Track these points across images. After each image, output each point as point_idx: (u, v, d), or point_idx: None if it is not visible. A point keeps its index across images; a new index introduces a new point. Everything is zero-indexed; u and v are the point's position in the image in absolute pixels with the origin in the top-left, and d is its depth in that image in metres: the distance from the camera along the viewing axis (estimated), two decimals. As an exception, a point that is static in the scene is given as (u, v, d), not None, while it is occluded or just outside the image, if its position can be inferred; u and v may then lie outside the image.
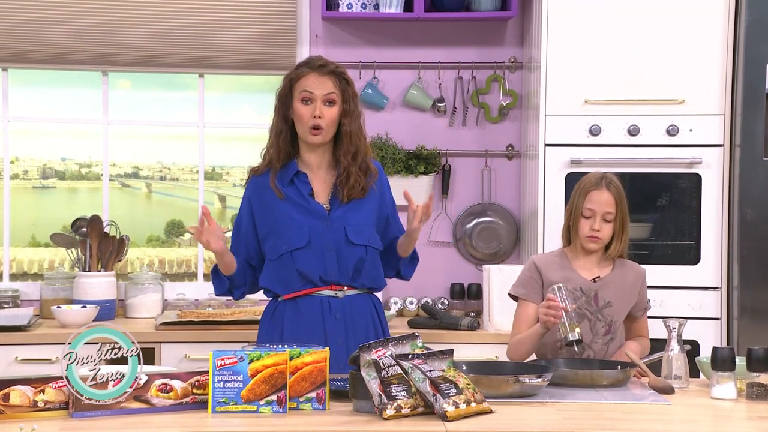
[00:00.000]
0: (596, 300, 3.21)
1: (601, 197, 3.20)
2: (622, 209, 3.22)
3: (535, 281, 3.29)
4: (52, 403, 2.54)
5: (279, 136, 3.22)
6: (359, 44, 4.74)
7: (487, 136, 4.77)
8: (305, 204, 3.19)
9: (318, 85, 3.16)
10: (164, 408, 2.59)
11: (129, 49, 4.58)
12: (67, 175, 4.87)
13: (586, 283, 3.23)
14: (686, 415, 2.69)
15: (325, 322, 3.18)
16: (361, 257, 3.19)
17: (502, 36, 4.75)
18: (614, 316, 3.22)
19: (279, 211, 3.20)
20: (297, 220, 3.17)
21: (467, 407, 2.55)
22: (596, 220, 3.19)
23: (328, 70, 3.19)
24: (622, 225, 3.23)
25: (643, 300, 3.29)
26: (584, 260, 3.27)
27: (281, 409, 2.59)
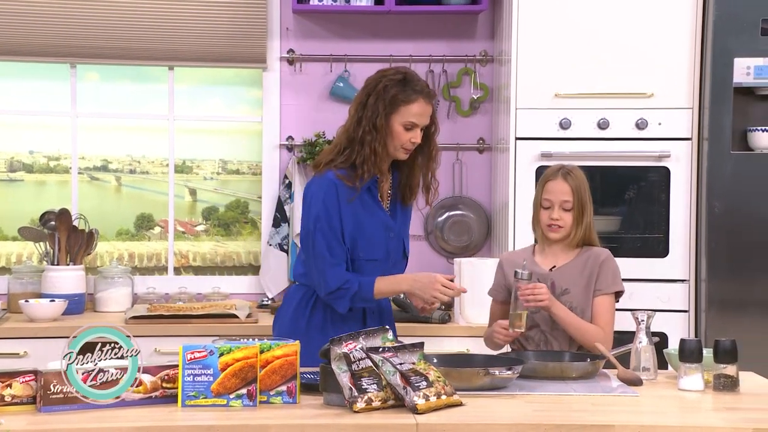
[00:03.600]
0: (553, 288, 3.24)
1: (557, 187, 3.24)
2: (580, 198, 3.24)
3: (498, 279, 3.38)
4: (19, 397, 2.52)
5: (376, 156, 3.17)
6: (330, 37, 4.73)
7: (458, 129, 4.78)
8: (378, 211, 3.27)
9: (423, 116, 3.21)
10: (133, 402, 2.58)
11: (98, 41, 4.55)
12: (35, 168, 4.83)
13: (543, 273, 3.26)
14: (654, 406, 2.71)
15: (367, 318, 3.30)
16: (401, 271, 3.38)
17: (473, 30, 4.76)
18: (573, 301, 3.24)
19: (360, 216, 3.22)
20: (373, 229, 3.25)
21: (438, 400, 2.55)
22: (554, 210, 3.23)
23: (431, 98, 3.24)
24: (581, 213, 3.24)
25: (600, 282, 3.24)
26: (548, 251, 3.30)
27: (251, 403, 2.58)
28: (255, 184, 4.87)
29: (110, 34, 4.54)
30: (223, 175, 4.95)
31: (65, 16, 4.51)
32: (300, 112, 4.75)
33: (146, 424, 2.44)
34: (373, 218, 3.24)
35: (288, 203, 4.69)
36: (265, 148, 4.77)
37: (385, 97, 3.17)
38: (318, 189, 3.21)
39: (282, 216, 4.70)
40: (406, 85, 3.19)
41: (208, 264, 4.90)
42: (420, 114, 3.19)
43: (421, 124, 3.20)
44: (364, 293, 3.18)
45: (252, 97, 4.86)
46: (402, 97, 3.17)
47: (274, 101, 4.74)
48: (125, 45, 4.57)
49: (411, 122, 3.18)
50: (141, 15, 4.55)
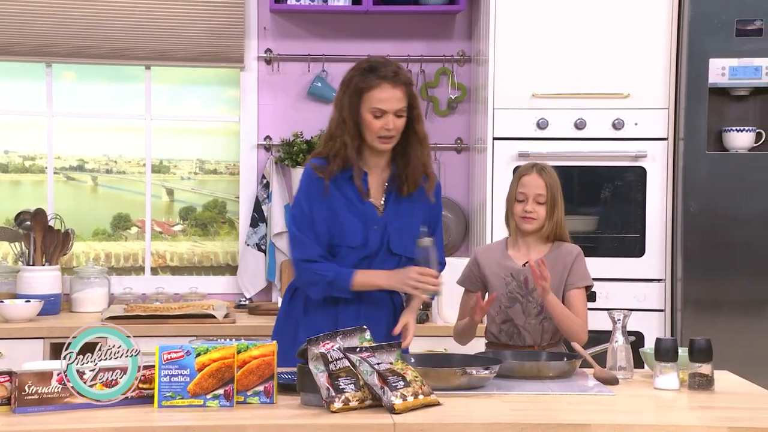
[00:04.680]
0: (525, 283, 3.28)
1: (532, 181, 3.29)
2: (553, 193, 3.29)
3: (472, 271, 3.41)
4: (-6, 399, 2.50)
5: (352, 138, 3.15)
6: (308, 37, 4.73)
7: (436, 129, 4.78)
8: (359, 204, 3.18)
9: (390, 101, 3.10)
10: (109, 403, 2.56)
11: (74, 40, 4.53)
12: (10, 167, 4.80)
13: (517, 268, 3.30)
14: (630, 405, 2.72)
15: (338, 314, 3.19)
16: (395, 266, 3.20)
17: (451, 30, 4.77)
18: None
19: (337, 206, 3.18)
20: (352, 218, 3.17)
21: (415, 400, 2.55)
22: (528, 202, 3.29)
23: (399, 81, 3.12)
24: (553, 208, 3.29)
25: (574, 276, 3.28)
26: (521, 245, 3.34)
27: (228, 403, 2.57)
28: (233, 184, 4.86)
29: (87, 33, 4.52)
30: (201, 175, 4.94)
31: (41, 15, 4.49)
32: (278, 111, 4.75)
33: (122, 425, 2.43)
34: (349, 211, 3.19)
35: (266, 203, 4.68)
36: (242, 147, 4.76)
37: (350, 88, 3.15)
38: (301, 178, 3.26)
39: (260, 216, 4.69)
40: (371, 72, 3.14)
41: (186, 264, 4.89)
42: (385, 99, 3.10)
43: (390, 110, 3.11)
44: (340, 283, 3.15)
45: (229, 96, 4.85)
46: (363, 85, 3.13)
47: (251, 101, 4.73)
48: (102, 44, 4.55)
49: (377, 108, 3.11)
50: (118, 14, 4.54)
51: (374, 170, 3.22)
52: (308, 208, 3.18)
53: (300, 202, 3.21)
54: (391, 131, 3.13)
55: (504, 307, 3.30)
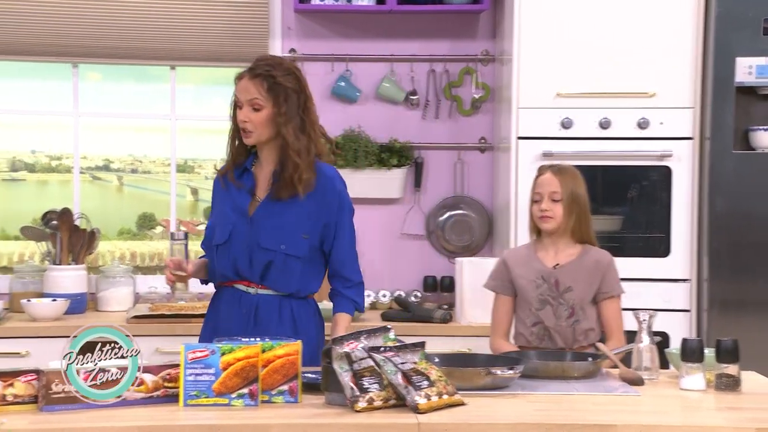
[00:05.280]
0: (557, 285, 3.28)
1: (546, 180, 3.31)
2: (571, 192, 3.29)
3: (501, 274, 3.40)
4: (21, 396, 2.51)
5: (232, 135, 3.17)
6: (332, 37, 4.73)
7: (460, 129, 4.78)
8: (239, 200, 3.15)
9: (243, 91, 3.07)
10: (135, 401, 2.57)
11: (100, 41, 4.55)
12: (37, 167, 4.84)
13: (547, 270, 3.30)
14: (656, 405, 2.71)
15: (233, 314, 3.17)
16: (270, 260, 3.12)
17: (475, 29, 4.76)
18: (575, 299, 3.28)
19: (220, 205, 3.20)
20: (225, 216, 3.15)
21: (439, 399, 2.55)
22: (544, 201, 3.29)
23: (255, 74, 3.07)
24: (571, 206, 3.28)
25: (606, 285, 3.30)
26: (549, 247, 3.34)
27: (253, 402, 2.58)
28: (257, 184, 4.87)
29: (112, 33, 4.54)
30: (225, 175, 4.94)
31: (68, 16, 4.51)
32: (302, 111, 4.74)
33: (148, 424, 2.44)
34: (226, 205, 3.18)
35: (290, 203, 4.68)
36: (266, 147, 4.77)
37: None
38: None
39: (284, 215, 4.69)
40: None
41: (210, 263, 4.90)
42: (240, 90, 3.07)
43: (244, 100, 3.06)
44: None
45: (254, 96, 4.85)
46: (236, 76, 3.13)
47: (275, 101, 4.74)
48: (127, 44, 4.57)
49: (236, 98, 3.09)
50: (143, 14, 4.56)
51: (264, 165, 3.17)
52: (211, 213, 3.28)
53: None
54: (246, 123, 3.07)
55: (534, 310, 3.30)
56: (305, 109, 3.11)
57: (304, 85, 3.13)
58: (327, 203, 3.15)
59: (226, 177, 3.18)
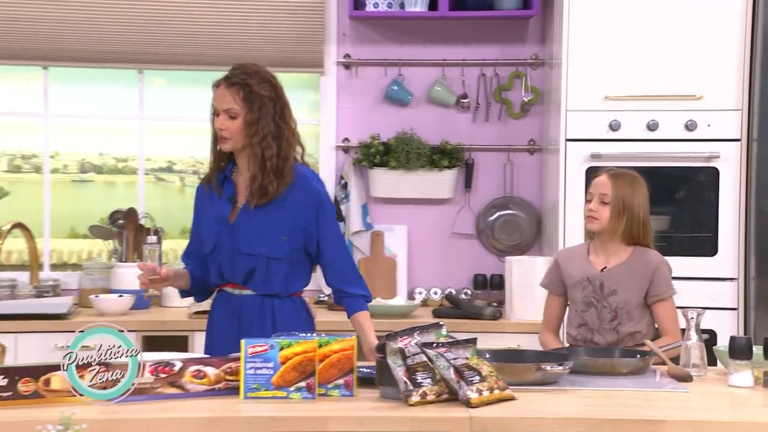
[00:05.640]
0: (601, 288, 3.26)
1: (599, 182, 3.28)
2: (622, 195, 3.24)
3: (553, 273, 3.39)
4: (91, 388, 2.55)
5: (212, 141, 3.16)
6: (385, 42, 4.73)
7: (509, 131, 4.75)
8: (221, 208, 3.14)
9: (219, 99, 3.06)
10: (198, 393, 2.60)
11: (164, 48, 4.60)
12: (104, 169, 4.90)
13: (594, 273, 3.27)
14: (704, 402, 2.67)
15: (222, 314, 3.18)
16: (252, 266, 3.11)
17: (524, 34, 4.73)
18: (619, 302, 3.24)
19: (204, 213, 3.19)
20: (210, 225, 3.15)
21: (491, 394, 2.54)
22: (593, 201, 3.27)
23: (231, 83, 3.06)
24: (621, 210, 3.23)
25: (655, 288, 3.24)
26: (600, 250, 3.31)
27: (310, 395, 2.58)
28: (313, 185, 4.88)
29: (176, 41, 4.59)
30: (282, 176, 4.96)
31: (133, 25, 4.57)
32: (356, 114, 4.76)
33: (211, 415, 2.46)
34: (211, 214, 3.16)
35: (344, 203, 4.70)
36: (322, 149, 4.78)
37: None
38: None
39: (338, 215, 4.71)
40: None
41: (268, 261, 4.92)
42: (217, 98, 3.07)
43: (220, 108, 3.05)
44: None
45: (310, 100, 4.87)
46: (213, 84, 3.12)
47: (331, 104, 4.76)
48: (190, 51, 4.62)
49: (214, 108, 3.08)
50: (205, 22, 4.60)
51: (243, 171, 3.15)
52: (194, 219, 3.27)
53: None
54: (222, 131, 3.06)
55: (580, 311, 3.29)
56: (281, 116, 3.09)
57: (280, 92, 3.11)
58: (305, 204, 3.12)
59: (210, 184, 3.17)
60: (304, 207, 3.11)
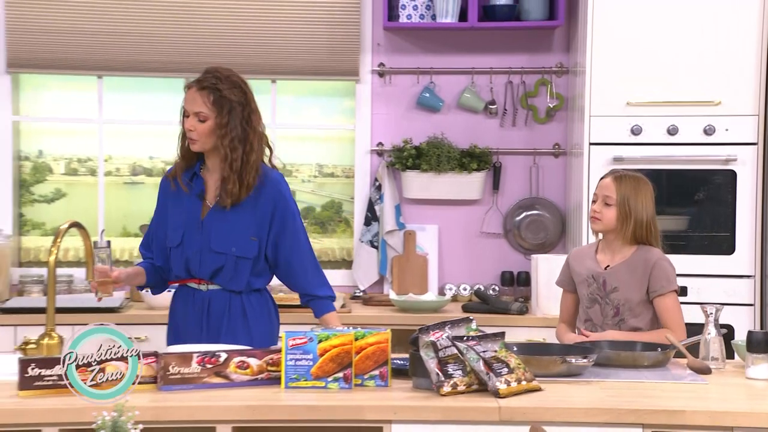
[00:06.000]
0: (604, 286, 3.23)
1: (604, 183, 3.26)
2: (627, 198, 3.19)
3: (564, 271, 3.40)
4: (143, 377, 2.56)
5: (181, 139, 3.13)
6: (417, 52, 4.73)
7: (535, 135, 4.74)
8: (189, 205, 3.10)
9: (190, 102, 3.03)
10: (242, 383, 2.62)
11: (208, 58, 4.62)
12: (154, 171, 4.93)
13: (598, 271, 3.25)
14: (723, 393, 2.65)
15: (188, 310, 3.13)
16: (221, 264, 3.07)
17: (550, 43, 4.71)
18: (621, 300, 3.21)
19: (170, 209, 3.14)
20: (178, 220, 3.10)
21: (518, 385, 2.54)
22: (597, 202, 3.25)
23: (202, 86, 3.02)
24: (626, 212, 3.19)
25: (654, 284, 3.18)
26: (606, 249, 3.28)
27: (347, 385, 2.60)
28: (348, 187, 4.90)
29: (221, 51, 4.62)
30: (320, 178, 4.98)
31: (179, 36, 4.61)
32: (389, 120, 4.76)
33: (254, 403, 2.48)
34: (177, 208, 3.11)
35: (378, 203, 4.70)
36: (357, 153, 4.79)
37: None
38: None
39: (372, 215, 4.72)
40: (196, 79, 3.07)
41: (307, 259, 4.93)
42: (188, 100, 3.03)
43: (190, 111, 3.02)
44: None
45: (346, 107, 4.88)
46: (185, 87, 3.10)
47: (365, 110, 4.76)
48: (234, 60, 4.63)
49: (184, 109, 3.05)
50: (246, 33, 4.62)
51: (212, 171, 3.11)
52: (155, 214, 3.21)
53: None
54: (191, 133, 3.03)
55: (585, 308, 3.28)
56: (248, 120, 3.05)
57: (249, 97, 3.08)
58: (272, 206, 3.08)
59: (177, 180, 3.12)
60: (271, 208, 3.08)
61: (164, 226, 3.16)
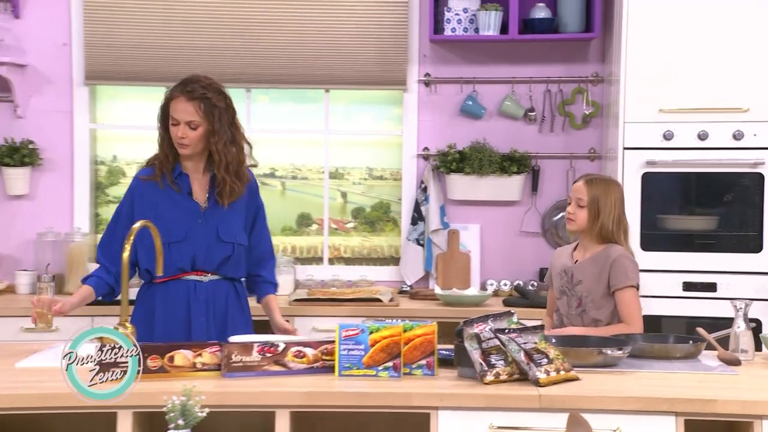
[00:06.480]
0: (572, 279, 3.25)
1: (577, 187, 3.28)
2: (597, 200, 3.20)
3: (549, 269, 3.44)
4: (208, 364, 2.60)
5: (164, 142, 3.08)
6: (461, 62, 4.72)
7: (572, 140, 4.70)
8: (184, 202, 3.08)
9: (181, 112, 2.99)
10: (298, 371, 2.63)
11: (268, 69, 4.67)
12: (216, 175, 4.97)
13: (569, 265, 3.28)
14: (752, 383, 2.61)
15: (190, 302, 3.07)
16: (229, 254, 3.09)
17: (586, 54, 4.67)
18: (584, 292, 3.21)
19: (162, 207, 3.07)
20: (176, 216, 3.05)
21: (557, 375, 2.52)
22: (571, 205, 3.26)
23: (192, 96, 3.00)
24: (596, 213, 3.20)
25: (613, 279, 3.16)
26: (580, 247, 3.31)
27: (396, 374, 2.60)
28: (396, 188, 4.90)
29: (278, 63, 4.65)
30: (369, 181, 4.99)
31: (241, 49, 4.64)
32: (434, 126, 4.76)
33: (310, 390, 2.49)
34: (172, 206, 3.06)
35: (424, 204, 4.70)
36: (404, 157, 4.79)
37: (164, 101, 3.07)
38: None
39: (419, 215, 4.71)
40: (177, 85, 3.03)
41: (357, 256, 4.95)
42: (177, 110, 2.99)
43: (181, 120, 2.98)
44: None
45: (394, 114, 4.88)
46: (168, 94, 3.04)
47: (412, 118, 4.76)
48: (290, 72, 4.67)
49: (172, 117, 3.00)
50: (303, 46, 4.65)
51: (194, 174, 3.10)
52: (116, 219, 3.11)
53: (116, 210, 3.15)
54: (183, 140, 3.00)
55: (556, 299, 3.30)
56: (233, 123, 3.07)
57: (230, 101, 3.10)
58: (252, 200, 3.17)
59: (165, 179, 3.07)
60: (252, 202, 3.18)
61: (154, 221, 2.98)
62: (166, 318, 3.06)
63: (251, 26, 4.64)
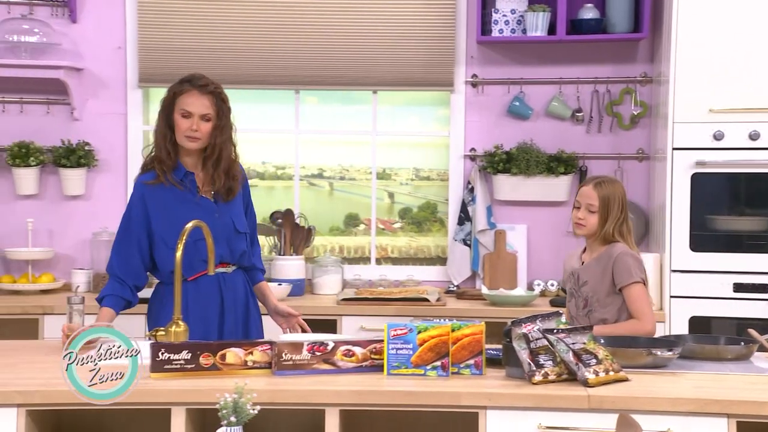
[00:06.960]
0: (578, 280, 3.23)
1: (586, 192, 3.23)
2: (607, 205, 3.18)
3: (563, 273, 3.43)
4: (259, 362, 2.62)
5: (165, 139, 3.08)
6: (508, 63, 4.69)
7: (620, 141, 4.65)
8: (196, 199, 3.10)
9: (196, 105, 3.03)
10: (348, 369, 2.64)
11: (316, 71, 4.69)
12: (266, 175, 5.02)
13: (577, 268, 3.27)
14: (806, 388, 2.55)
15: (223, 294, 3.11)
16: (245, 244, 3.18)
17: (634, 54, 4.61)
18: (589, 292, 3.19)
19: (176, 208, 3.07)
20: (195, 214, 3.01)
21: (606, 375, 2.50)
22: (581, 210, 3.22)
23: (207, 90, 3.06)
24: (606, 217, 3.17)
25: (617, 277, 3.13)
26: (589, 249, 3.29)
27: (445, 373, 2.59)
28: (443, 189, 4.89)
29: (326, 64, 4.67)
30: (417, 181, 4.98)
31: (291, 52, 4.67)
32: (481, 127, 4.74)
33: (359, 388, 2.49)
34: (185, 206, 3.07)
35: (470, 205, 4.68)
36: (451, 158, 4.78)
37: (167, 96, 3.08)
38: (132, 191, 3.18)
39: (465, 215, 4.70)
40: (185, 81, 3.07)
41: (404, 256, 4.95)
42: (192, 102, 3.02)
43: (196, 113, 3.02)
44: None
45: (441, 115, 4.88)
46: (177, 89, 3.06)
47: (459, 118, 4.75)
48: (338, 73, 4.69)
49: (185, 110, 3.02)
50: (351, 48, 4.66)
51: (196, 171, 3.12)
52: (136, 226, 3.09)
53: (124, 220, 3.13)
54: (196, 132, 3.03)
55: (567, 302, 3.29)
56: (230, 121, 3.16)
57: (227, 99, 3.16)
58: (245, 192, 3.26)
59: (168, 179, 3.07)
60: (246, 194, 3.26)
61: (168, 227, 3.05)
62: (201, 314, 3.07)
63: (301, 29, 4.67)
